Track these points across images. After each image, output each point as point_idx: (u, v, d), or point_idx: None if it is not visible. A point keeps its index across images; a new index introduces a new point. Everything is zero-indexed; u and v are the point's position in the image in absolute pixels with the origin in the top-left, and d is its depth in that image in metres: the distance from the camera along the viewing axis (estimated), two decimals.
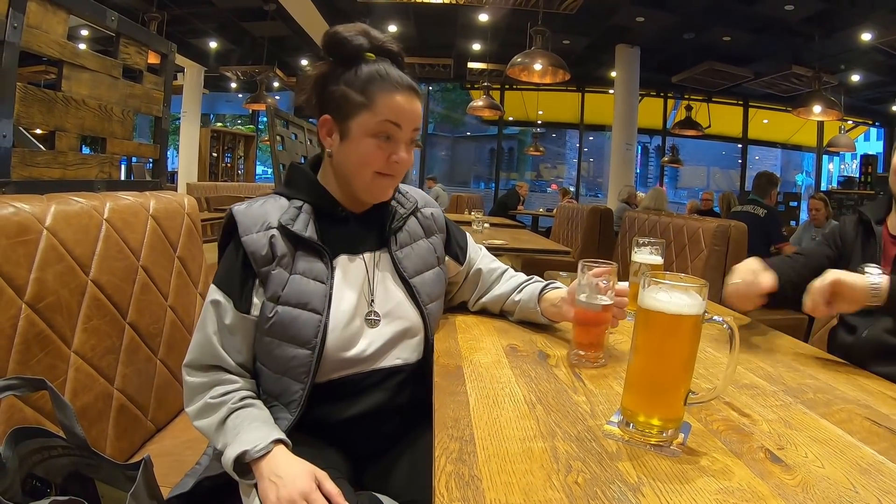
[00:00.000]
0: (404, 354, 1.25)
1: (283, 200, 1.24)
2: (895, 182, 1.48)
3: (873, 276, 1.26)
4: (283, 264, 1.16)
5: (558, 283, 1.42)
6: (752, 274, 1.46)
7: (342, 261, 1.23)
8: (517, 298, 1.44)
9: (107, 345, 1.32)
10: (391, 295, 1.26)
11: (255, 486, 1.03)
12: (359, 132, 1.18)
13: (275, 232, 1.17)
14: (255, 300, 1.16)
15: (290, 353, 1.14)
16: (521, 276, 1.51)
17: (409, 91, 1.20)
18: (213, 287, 1.18)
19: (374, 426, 1.22)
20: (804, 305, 1.31)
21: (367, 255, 1.27)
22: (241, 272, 1.16)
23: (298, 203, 1.22)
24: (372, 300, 1.24)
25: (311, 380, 1.14)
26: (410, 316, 1.27)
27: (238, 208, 1.20)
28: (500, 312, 1.51)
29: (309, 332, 1.13)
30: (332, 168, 1.26)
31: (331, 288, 1.17)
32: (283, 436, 1.08)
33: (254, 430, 1.06)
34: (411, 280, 1.29)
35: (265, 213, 1.19)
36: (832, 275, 1.28)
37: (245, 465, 1.04)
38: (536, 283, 1.45)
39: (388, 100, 1.17)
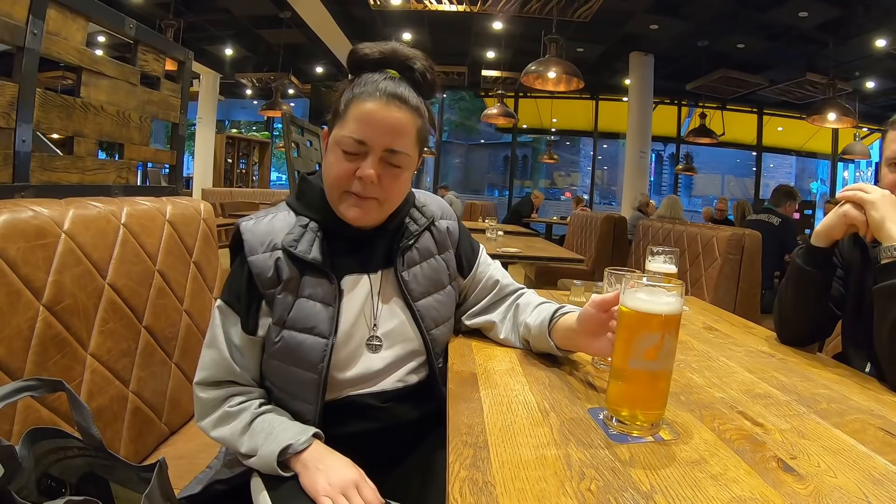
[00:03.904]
0: (407, 377, 1.21)
1: (291, 216, 1.17)
2: None
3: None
4: (290, 288, 1.11)
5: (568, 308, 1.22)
6: None
7: (348, 281, 1.17)
8: (529, 321, 1.25)
9: (122, 348, 1.33)
10: (395, 317, 1.21)
11: (281, 480, 1.04)
12: (331, 144, 1.12)
13: (280, 254, 1.11)
14: (262, 321, 1.13)
15: (297, 375, 1.12)
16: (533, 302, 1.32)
17: (386, 99, 1.08)
18: (220, 303, 1.15)
19: (387, 439, 1.20)
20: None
21: (373, 276, 1.20)
22: (247, 292, 1.12)
23: (305, 220, 1.16)
24: (375, 324, 1.19)
25: (321, 401, 1.12)
26: (412, 340, 1.22)
27: (245, 225, 1.15)
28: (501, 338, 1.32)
29: (315, 356, 1.10)
30: None
31: (338, 311, 1.13)
32: (317, 430, 1.10)
33: (288, 427, 1.08)
34: (416, 304, 1.22)
35: (272, 230, 1.14)
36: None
37: (283, 460, 1.04)
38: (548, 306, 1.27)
39: (358, 109, 1.08)
